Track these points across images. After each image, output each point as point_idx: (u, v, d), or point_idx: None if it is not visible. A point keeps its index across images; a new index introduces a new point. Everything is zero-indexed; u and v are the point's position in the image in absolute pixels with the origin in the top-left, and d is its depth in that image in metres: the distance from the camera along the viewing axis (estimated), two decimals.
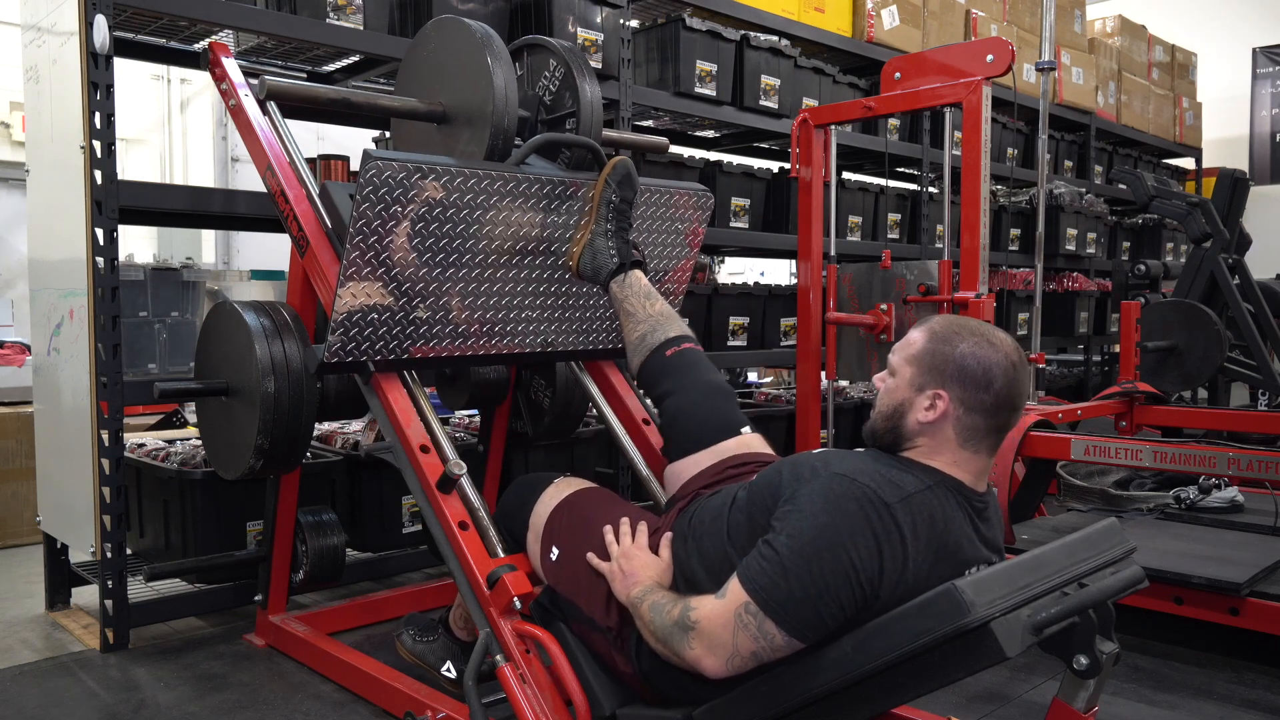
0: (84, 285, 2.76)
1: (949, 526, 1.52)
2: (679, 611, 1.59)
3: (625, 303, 2.22)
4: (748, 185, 4.52)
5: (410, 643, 2.30)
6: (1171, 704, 2.49)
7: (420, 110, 2.45)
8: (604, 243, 2.28)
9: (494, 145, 2.28)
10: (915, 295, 3.56)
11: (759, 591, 1.47)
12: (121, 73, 2.90)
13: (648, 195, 2.52)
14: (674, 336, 2.14)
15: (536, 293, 2.40)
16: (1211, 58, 9.30)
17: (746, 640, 1.49)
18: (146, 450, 3.25)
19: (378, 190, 2.05)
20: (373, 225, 2.07)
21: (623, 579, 1.75)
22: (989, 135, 3.24)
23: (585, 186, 2.36)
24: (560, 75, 2.47)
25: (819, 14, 4.79)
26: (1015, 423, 1.61)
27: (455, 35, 2.38)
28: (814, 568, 1.44)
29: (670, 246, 2.65)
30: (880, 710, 1.51)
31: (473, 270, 2.26)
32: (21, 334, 6.27)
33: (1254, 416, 4.30)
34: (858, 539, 1.45)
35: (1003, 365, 1.55)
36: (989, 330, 1.60)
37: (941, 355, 1.57)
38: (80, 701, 2.49)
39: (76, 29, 2.70)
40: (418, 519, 3.32)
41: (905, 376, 1.61)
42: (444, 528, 2.06)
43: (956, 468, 1.57)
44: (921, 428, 1.58)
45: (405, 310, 2.19)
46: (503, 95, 2.25)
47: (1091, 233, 6.52)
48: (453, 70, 2.39)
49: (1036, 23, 6.13)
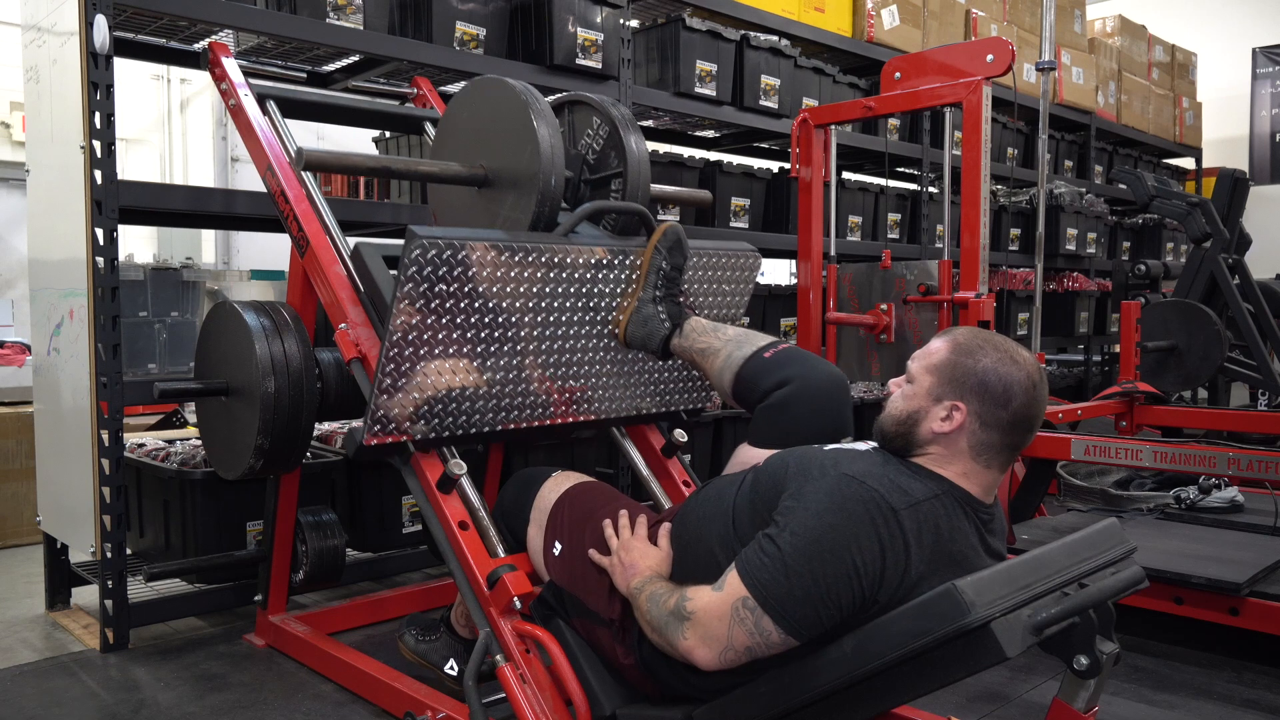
0: (84, 285, 2.76)
1: (954, 536, 1.52)
2: (675, 601, 1.59)
3: (694, 345, 2.13)
4: (748, 185, 4.52)
5: (413, 642, 2.30)
6: (1171, 704, 2.49)
7: (461, 175, 2.31)
8: (652, 309, 2.19)
9: (540, 212, 2.15)
10: (915, 295, 3.56)
11: (759, 588, 1.47)
12: (121, 73, 2.90)
13: (695, 259, 2.37)
14: (768, 343, 2.04)
15: (581, 362, 2.27)
16: (1211, 58, 9.30)
17: (742, 635, 1.49)
18: (146, 450, 3.25)
19: (422, 270, 1.92)
20: (417, 305, 1.94)
21: (622, 571, 1.76)
22: (989, 135, 3.24)
23: (633, 254, 2.24)
24: (605, 134, 2.36)
25: (819, 14, 4.80)
26: (1029, 443, 1.60)
27: (496, 94, 2.27)
28: (816, 568, 1.44)
29: (718, 308, 2.51)
30: (880, 710, 1.51)
31: (517, 344, 2.14)
32: (21, 334, 6.27)
33: (1254, 416, 4.30)
34: (862, 542, 1.45)
35: (1024, 384, 1.54)
36: (1013, 347, 1.59)
37: (963, 368, 1.56)
38: (80, 701, 2.49)
39: (76, 29, 2.70)
40: (418, 519, 3.32)
41: (924, 385, 1.60)
42: (444, 528, 2.06)
43: (966, 479, 1.57)
44: (935, 437, 1.57)
45: (448, 389, 2.08)
46: (549, 158, 2.13)
47: (1091, 233, 6.52)
48: (495, 131, 2.26)
49: (1036, 23, 6.13)
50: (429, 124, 3.05)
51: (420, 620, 2.36)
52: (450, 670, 2.23)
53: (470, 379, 2.10)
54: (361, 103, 3.17)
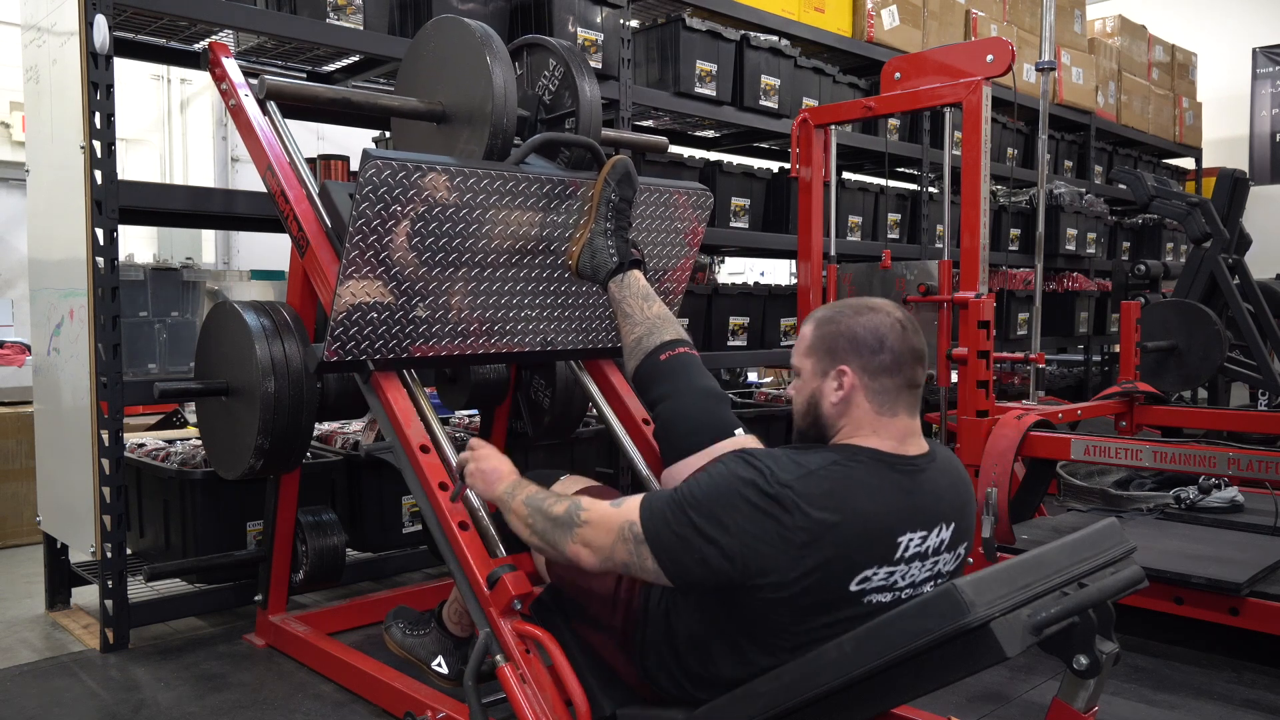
0: (84, 285, 2.76)
1: (866, 494, 1.52)
2: (567, 508, 1.68)
3: (623, 304, 2.21)
4: (748, 185, 4.52)
5: (400, 636, 2.28)
6: (1171, 704, 2.49)
7: (420, 110, 2.44)
8: (603, 242, 2.28)
9: (493, 144, 2.28)
10: (915, 295, 3.56)
11: (648, 518, 1.57)
12: (121, 73, 2.90)
13: (647, 195, 2.52)
14: (669, 340, 2.13)
15: (536, 292, 2.40)
16: (1211, 58, 9.30)
17: (623, 552, 1.59)
18: (146, 450, 3.25)
19: (377, 189, 2.04)
20: (372, 224, 2.06)
21: (484, 478, 1.85)
22: (989, 135, 3.24)
23: (584, 186, 2.35)
24: (560, 75, 2.47)
25: (819, 14, 4.80)
26: (923, 376, 1.65)
27: (455, 34, 2.38)
28: (693, 517, 1.52)
29: (669, 246, 2.65)
30: (880, 710, 1.51)
31: (472, 269, 2.25)
32: (21, 334, 6.27)
33: (1254, 416, 4.30)
34: (739, 504, 1.49)
35: (889, 323, 1.61)
36: (866, 300, 1.67)
37: (831, 335, 1.63)
38: (80, 701, 2.49)
39: (76, 29, 2.70)
40: (418, 519, 3.32)
41: (808, 369, 1.66)
42: (444, 528, 2.06)
43: (877, 436, 1.60)
44: (837, 409, 1.62)
45: (405, 309, 2.19)
46: (502, 94, 2.25)
47: (1091, 233, 6.52)
48: (452, 70, 2.38)
49: (1036, 23, 6.13)
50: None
51: (407, 614, 2.33)
52: (438, 667, 2.22)
53: (426, 301, 2.21)
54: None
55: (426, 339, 2.25)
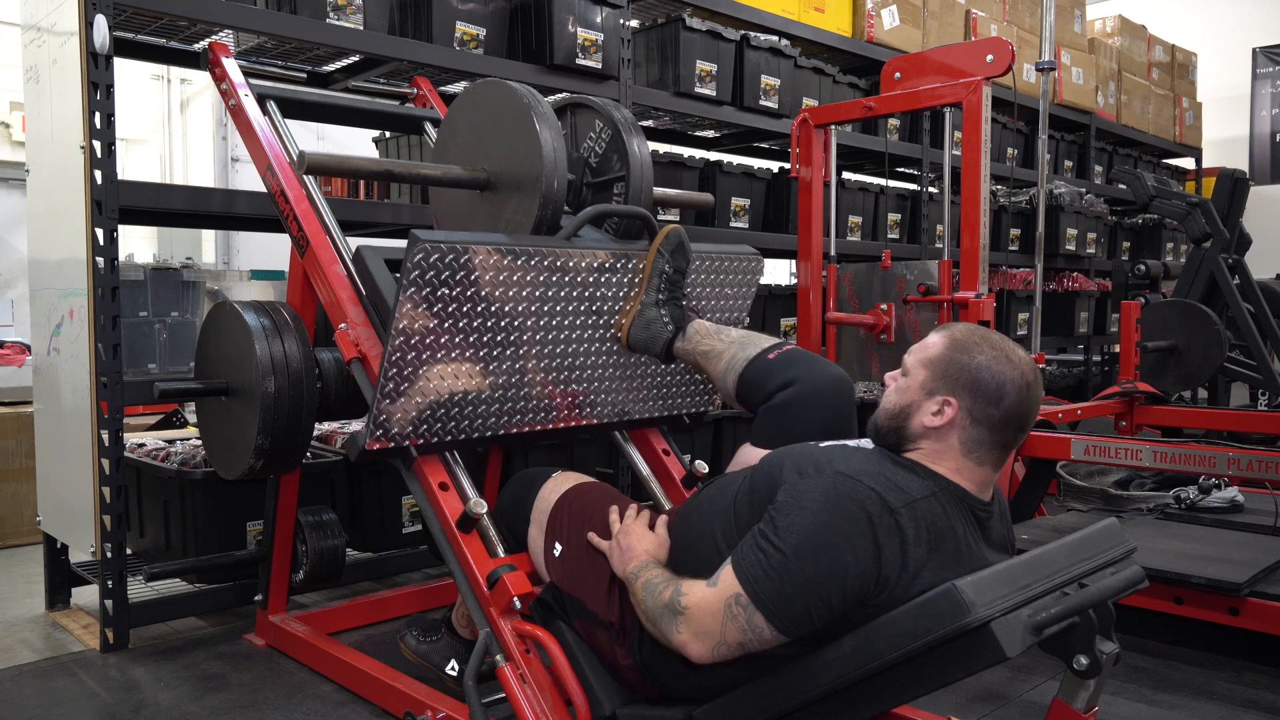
0: (84, 285, 2.76)
1: (952, 534, 1.52)
2: (670, 594, 1.60)
3: (697, 348, 2.13)
4: (748, 185, 4.52)
5: (414, 643, 2.30)
6: (1171, 704, 2.49)
7: (463, 178, 2.30)
8: (655, 312, 2.19)
9: (543, 215, 2.14)
10: (915, 295, 3.56)
11: (751, 584, 1.48)
12: (121, 73, 2.90)
13: (698, 262, 2.36)
14: (772, 344, 2.04)
15: (585, 366, 2.27)
16: (1211, 58, 9.29)
17: (734, 631, 1.50)
18: (146, 450, 3.25)
19: (425, 274, 1.90)
20: (419, 309, 1.93)
21: (620, 554, 1.78)
22: (989, 135, 3.24)
23: (636, 257, 2.23)
24: (607, 137, 2.35)
25: (819, 14, 4.80)
26: (1021, 443, 1.60)
27: (498, 97, 2.25)
28: (808, 566, 1.45)
29: (720, 312, 2.49)
30: (880, 710, 1.51)
31: (520, 348, 2.13)
32: (21, 334, 6.27)
33: (1254, 416, 4.30)
34: (856, 541, 1.45)
35: (1017, 384, 1.54)
36: (1010, 346, 1.59)
37: (957, 363, 1.56)
38: (80, 701, 2.49)
39: (76, 29, 2.70)
40: (418, 519, 3.32)
41: (918, 379, 1.60)
42: (444, 528, 2.06)
43: (959, 475, 1.57)
44: (926, 431, 1.58)
45: (450, 393, 2.07)
46: (551, 161, 2.12)
47: (1091, 233, 6.52)
48: (496, 134, 2.25)
49: (1036, 23, 6.14)
50: (429, 124, 3.05)
51: (421, 621, 2.36)
52: (451, 671, 2.23)
53: (473, 383, 2.09)
54: (361, 103, 3.17)
55: (472, 420, 2.13)
